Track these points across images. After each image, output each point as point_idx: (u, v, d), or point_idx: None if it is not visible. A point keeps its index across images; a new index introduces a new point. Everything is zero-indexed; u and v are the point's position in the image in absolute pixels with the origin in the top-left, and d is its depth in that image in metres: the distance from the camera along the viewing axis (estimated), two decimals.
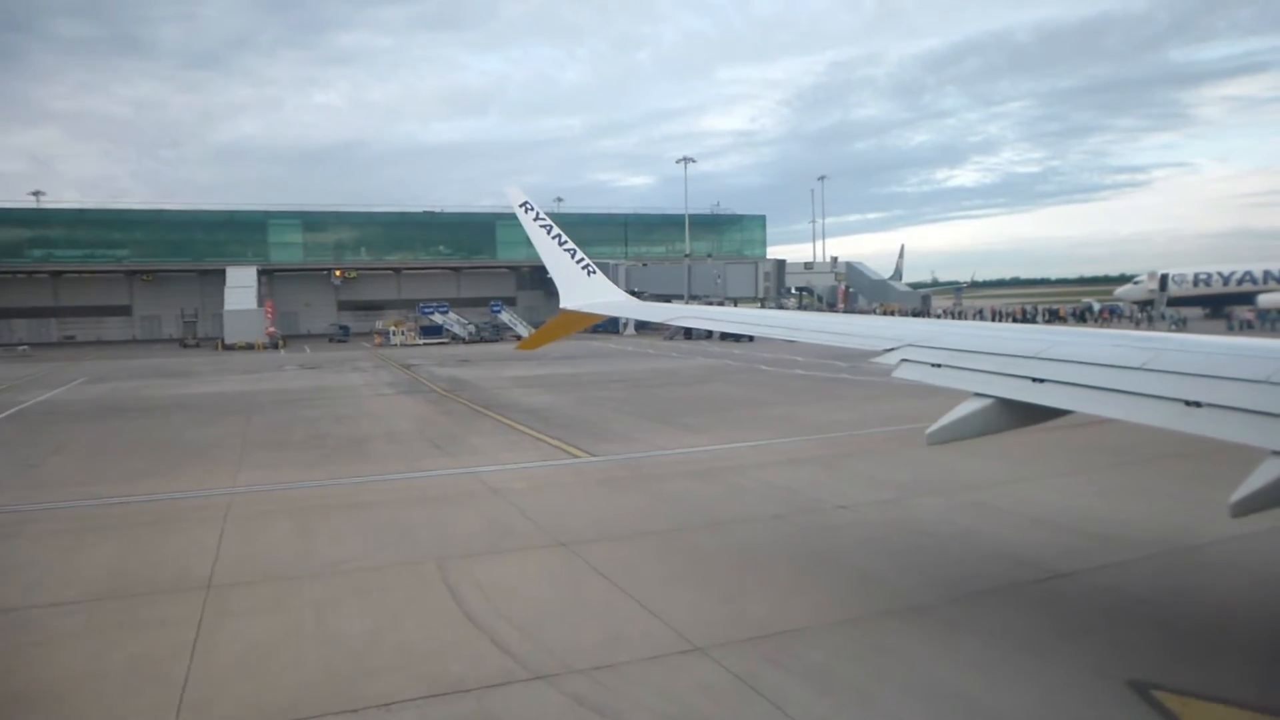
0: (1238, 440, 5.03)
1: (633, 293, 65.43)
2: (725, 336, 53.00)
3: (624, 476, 14.83)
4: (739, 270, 53.70)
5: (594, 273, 12.77)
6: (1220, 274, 64.31)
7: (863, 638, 7.38)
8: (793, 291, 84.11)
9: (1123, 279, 71.20)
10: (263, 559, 10.30)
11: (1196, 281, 64.88)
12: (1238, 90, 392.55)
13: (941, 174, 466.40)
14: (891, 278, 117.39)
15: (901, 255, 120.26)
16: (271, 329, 57.28)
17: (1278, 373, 5.34)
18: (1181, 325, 54.11)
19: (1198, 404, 5.34)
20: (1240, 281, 63.08)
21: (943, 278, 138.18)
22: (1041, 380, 6.29)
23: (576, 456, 16.78)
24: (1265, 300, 59.18)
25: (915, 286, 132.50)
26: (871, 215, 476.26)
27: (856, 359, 36.97)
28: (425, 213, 76.81)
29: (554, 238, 12.86)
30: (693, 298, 57.08)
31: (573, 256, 12.73)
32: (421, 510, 12.63)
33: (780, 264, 65.21)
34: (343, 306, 74.73)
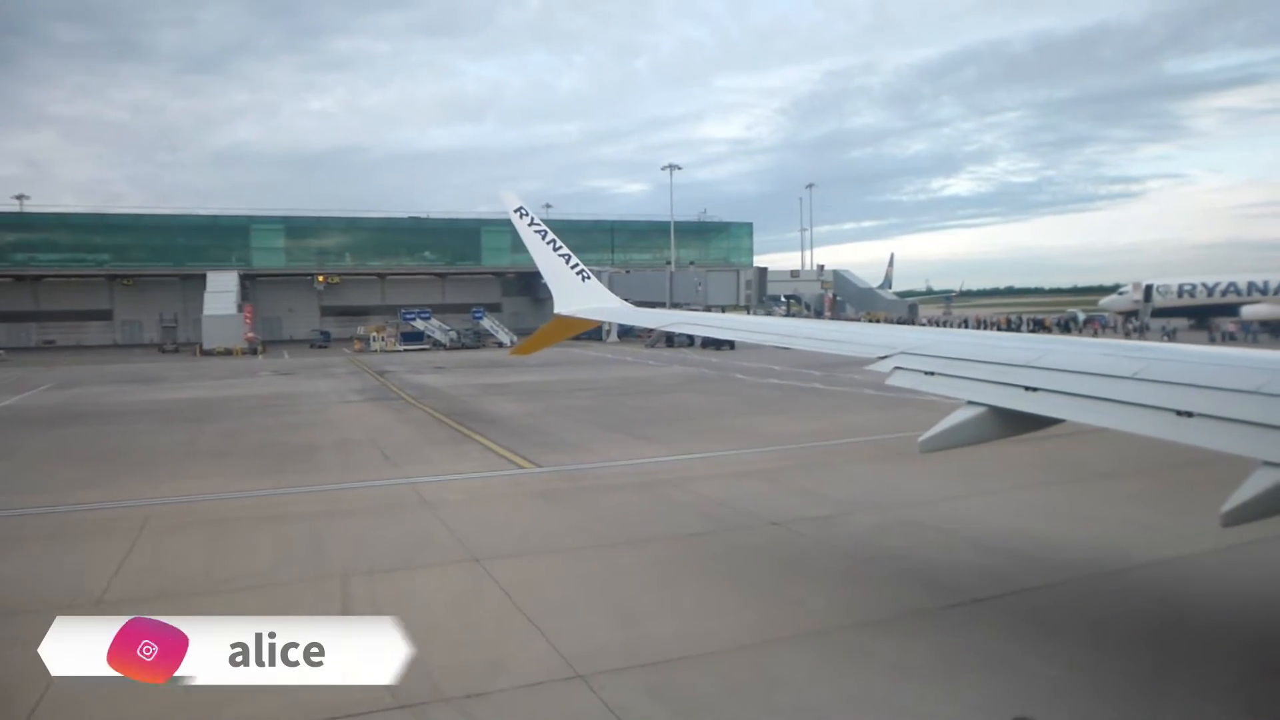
0: (1228, 450, 5.04)
1: None
2: (706, 344, 52.70)
3: (563, 489, 14.48)
4: (720, 278, 53.47)
5: (588, 278, 12.80)
6: (1205, 285, 64.13)
7: (754, 667, 7.03)
8: (782, 300, 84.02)
9: (1116, 289, 70.91)
10: (164, 574, 9.93)
11: (1181, 292, 64.69)
12: (1232, 102, 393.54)
13: (937, 183, 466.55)
14: (881, 286, 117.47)
15: (891, 264, 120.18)
16: (250, 334, 56.83)
17: (1269, 383, 5.32)
18: (1172, 336, 53.94)
19: (1189, 414, 5.34)
20: (1225, 293, 62.88)
21: (938, 286, 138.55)
22: (1034, 389, 6.31)
23: (522, 467, 16.43)
24: (1249, 312, 59.03)
25: (908, 295, 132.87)
26: (867, 223, 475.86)
27: (832, 368, 36.80)
28: (410, 218, 76.52)
29: (549, 243, 12.86)
30: (674, 305, 56.70)
31: (567, 262, 12.74)
32: (345, 523, 12.26)
33: (762, 272, 64.96)
34: (326, 312, 74.30)
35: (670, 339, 55.85)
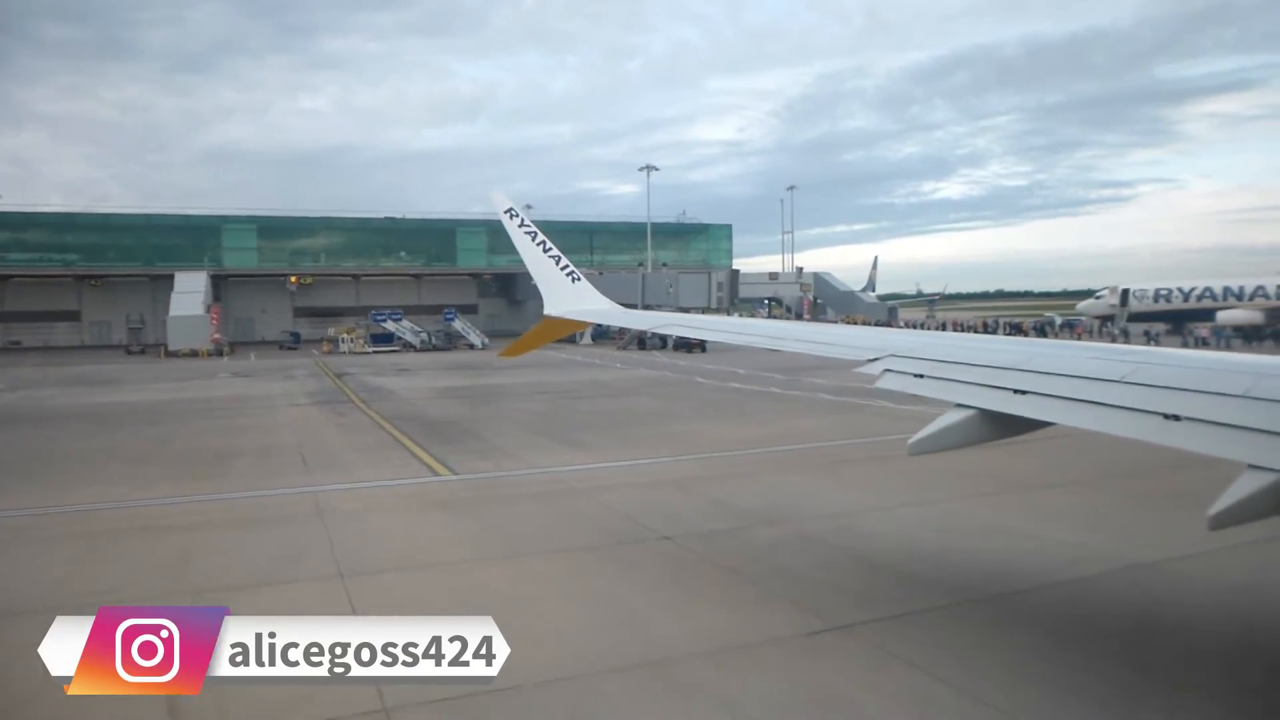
0: (1215, 453, 5.06)
1: None
2: (678, 346, 52.24)
3: (469, 498, 13.97)
4: (691, 280, 52.98)
5: (578, 280, 12.73)
6: (1181, 290, 63.93)
7: (564, 701, 6.50)
8: (765, 302, 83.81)
9: (1093, 294, 70.73)
10: (4, 591, 9.36)
11: (1157, 297, 64.47)
12: (1223, 107, 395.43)
13: (929, 186, 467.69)
14: (864, 289, 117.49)
15: (875, 267, 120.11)
16: (216, 335, 56.04)
17: (1255, 387, 5.34)
18: (1156, 340, 53.70)
19: (1177, 417, 5.35)
20: (1200, 298, 62.70)
21: (928, 289, 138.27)
22: (1023, 392, 6.31)
23: (439, 475, 15.91)
24: (1224, 317, 58.83)
25: (896, 298, 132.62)
26: (859, 226, 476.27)
27: (796, 371, 36.36)
28: (386, 219, 75.76)
29: (538, 244, 12.76)
30: (646, 306, 56.17)
31: (557, 264, 12.66)
32: (224, 535, 11.71)
33: (734, 274, 64.56)
34: (299, 313, 73.48)
35: (642, 342, 55.38)
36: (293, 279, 70.53)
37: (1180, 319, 62.47)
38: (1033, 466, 15.60)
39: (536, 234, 12.84)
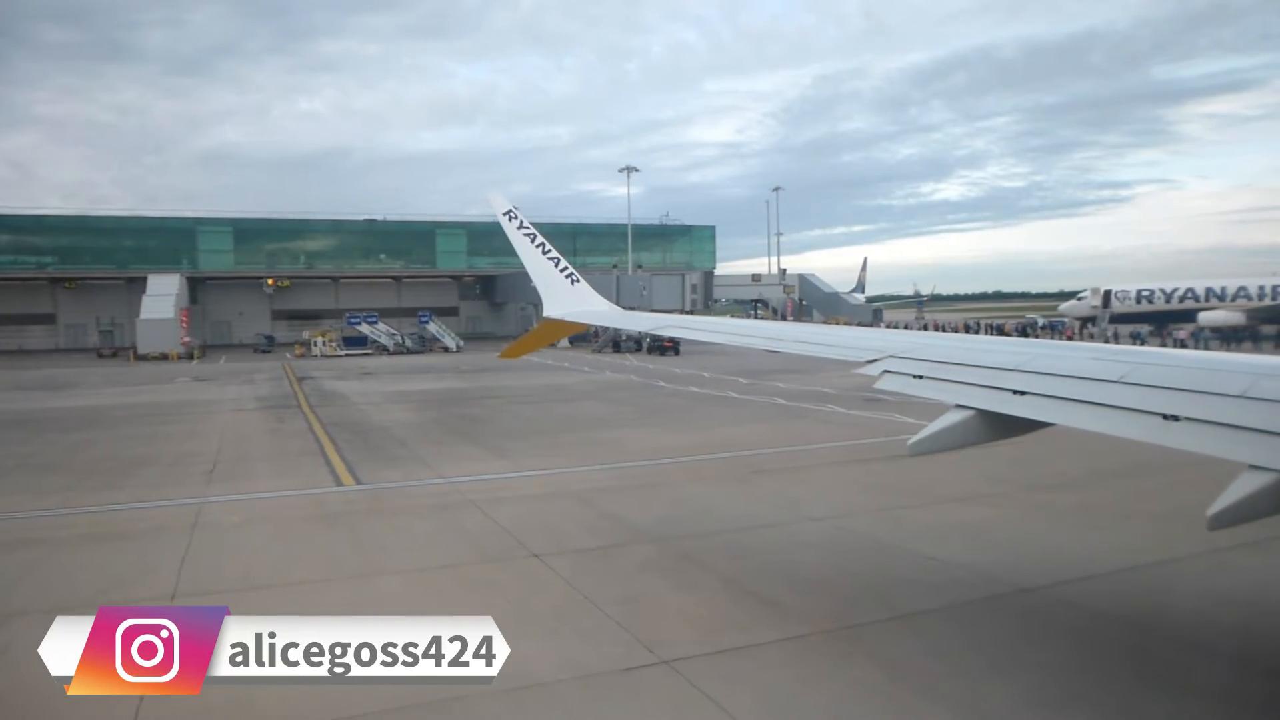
0: (1214, 453, 5.03)
1: None
2: (652, 349, 51.72)
3: (359, 510, 13.46)
4: (665, 282, 52.42)
5: (577, 281, 12.71)
6: (1163, 291, 63.30)
7: None
8: (754, 304, 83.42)
9: (1075, 295, 70.18)
10: None
11: (1139, 298, 63.83)
12: (1220, 108, 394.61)
13: (927, 187, 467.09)
14: (854, 290, 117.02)
15: (864, 268, 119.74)
16: (186, 338, 55.49)
17: (1254, 387, 5.32)
18: (1143, 341, 53.16)
19: (1175, 418, 5.34)
20: (1183, 299, 62.08)
21: (924, 290, 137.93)
22: (1022, 393, 6.30)
23: (343, 485, 15.40)
24: (1205, 318, 58.25)
25: (894, 299, 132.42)
26: (857, 228, 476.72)
27: (761, 375, 35.84)
28: (366, 220, 75.26)
29: (538, 246, 12.73)
30: (623, 307, 55.63)
31: (556, 265, 12.65)
32: (79, 550, 11.19)
33: (708, 275, 64.02)
34: (278, 316, 72.91)
35: (617, 345, 54.86)
36: (270, 281, 69.97)
37: (1162, 320, 61.91)
38: (956, 477, 15.08)
39: (535, 236, 12.76)
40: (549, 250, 12.81)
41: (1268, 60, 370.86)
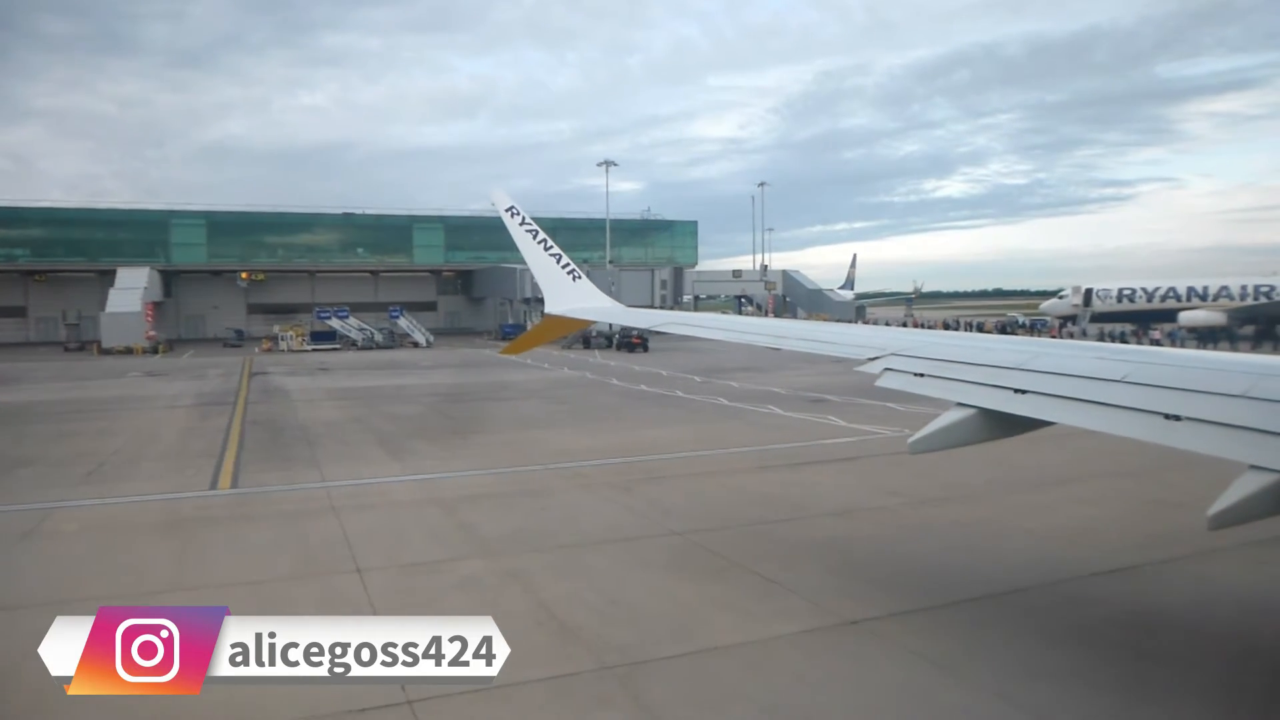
0: (1216, 454, 5.02)
1: (538, 300, 62.77)
2: (620, 345, 51.00)
3: (209, 517, 12.81)
4: (634, 277, 51.64)
5: (579, 278, 12.65)
6: (1144, 289, 62.43)
7: None
8: (741, 301, 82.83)
9: (1057, 293, 69.38)
10: None
11: (1120, 297, 62.98)
12: (1224, 107, 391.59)
13: (930, 184, 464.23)
14: (843, 286, 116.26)
15: (853, 265, 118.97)
16: (151, 333, 54.77)
17: (1256, 387, 5.31)
18: (1125, 340, 52.40)
19: (1177, 417, 5.35)
20: (1164, 298, 61.22)
21: (927, 288, 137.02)
22: (1024, 391, 6.30)
23: (216, 489, 14.81)
24: (1185, 318, 57.41)
25: (877, 296, 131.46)
26: (859, 224, 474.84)
27: (718, 373, 35.16)
28: (342, 214, 74.38)
29: (539, 243, 12.61)
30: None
31: (558, 262, 12.56)
32: None
33: (677, 271, 63.28)
34: (253, 310, 72.13)
35: (587, 340, 54.14)
36: (243, 275, 69.22)
37: (1144, 319, 61.17)
38: (844, 487, 14.39)
39: (538, 232, 12.62)
40: (551, 246, 12.66)
41: (1272, 59, 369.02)
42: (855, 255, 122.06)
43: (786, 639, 7.70)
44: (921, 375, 7.17)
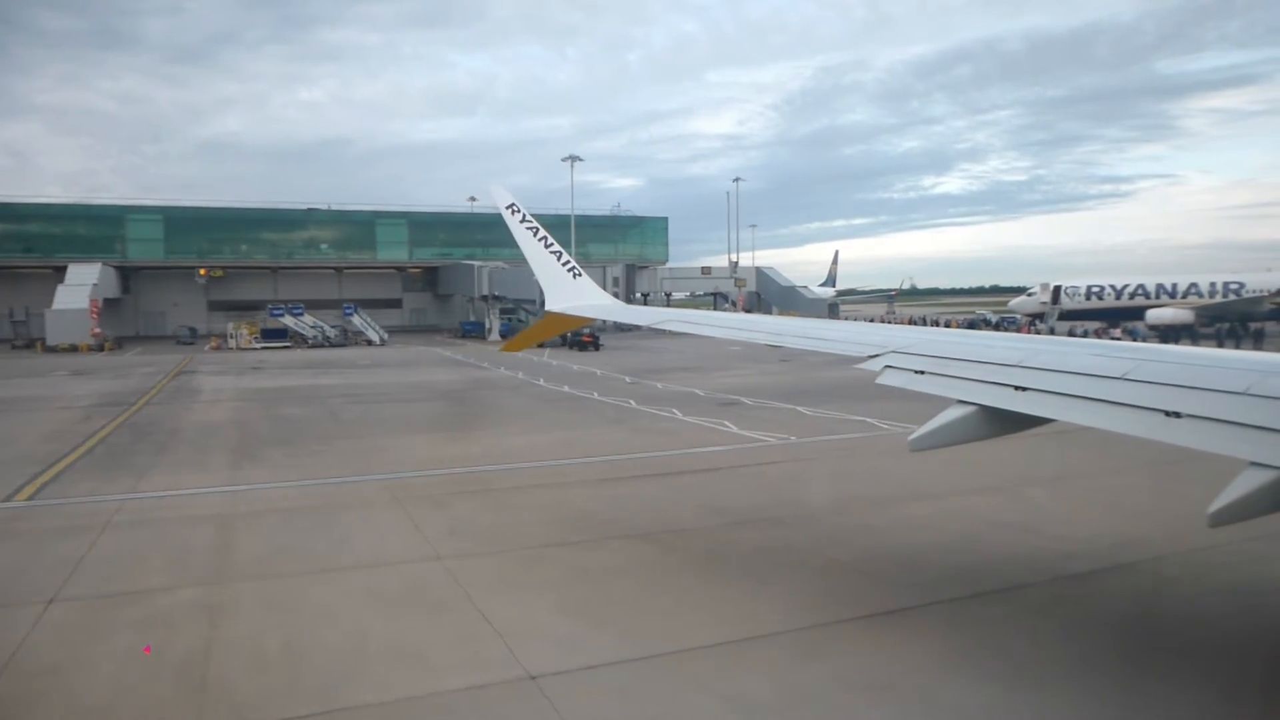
0: (1216, 451, 5.02)
1: (496, 297, 61.83)
2: (572, 344, 49.99)
3: None
4: (586, 273, 50.35)
5: (579, 275, 12.61)
6: (1113, 287, 61.39)
7: None
8: (715, 297, 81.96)
9: (1025, 290, 68.41)
10: None
11: (1089, 294, 61.92)
12: (1224, 103, 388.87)
13: (928, 181, 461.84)
14: (824, 283, 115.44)
15: (835, 262, 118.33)
16: (96, 330, 53.77)
17: (1257, 384, 5.33)
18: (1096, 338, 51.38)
19: (1177, 414, 5.35)
20: (1133, 295, 60.18)
21: (922, 285, 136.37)
22: (1024, 389, 6.31)
23: (13, 501, 13.74)
24: (1153, 316, 56.40)
25: (858, 293, 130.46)
26: (858, 221, 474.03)
27: (650, 375, 34.13)
28: (305, 210, 73.40)
29: (540, 240, 12.53)
30: (544, 300, 53.73)
31: (559, 259, 12.52)
32: None
33: (630, 268, 62.31)
34: (213, 306, 71.04)
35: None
36: (201, 271, 68.18)
37: (1113, 317, 60.19)
38: (652, 506, 13.38)
39: (538, 229, 12.52)
40: (551, 244, 12.56)
41: (1272, 55, 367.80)
42: (837, 252, 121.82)
43: (460, 693, 6.67)
44: (922, 373, 7.09)
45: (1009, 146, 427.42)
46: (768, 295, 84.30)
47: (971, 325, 64.86)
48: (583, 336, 49.18)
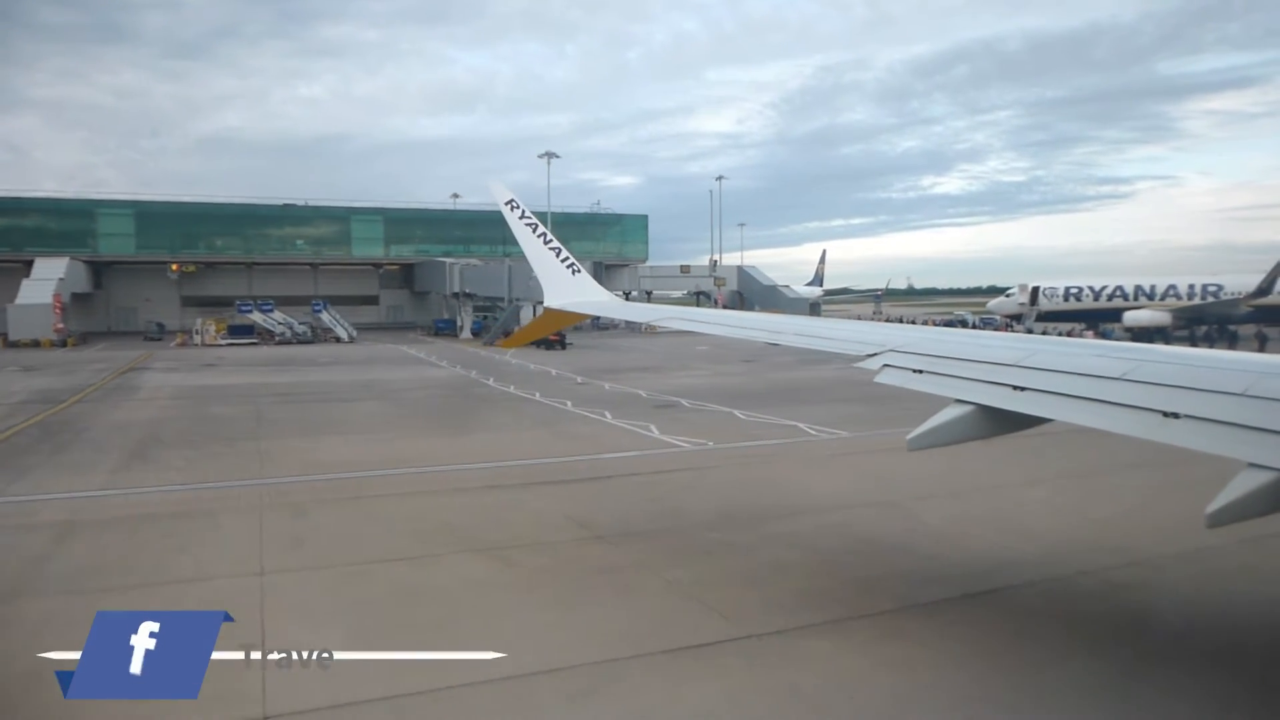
0: (1214, 451, 5.01)
1: (467, 294, 61.13)
2: (538, 343, 49.33)
3: None
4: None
5: (579, 272, 12.59)
6: (1091, 288, 60.82)
7: None
8: (698, 296, 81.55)
9: (1004, 291, 67.89)
10: None
11: (1068, 296, 61.36)
12: (1224, 104, 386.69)
13: (928, 181, 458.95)
14: (811, 283, 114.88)
15: (822, 261, 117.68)
16: (59, 325, 53.11)
17: (1255, 385, 5.34)
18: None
19: (1175, 415, 5.34)
20: (1111, 297, 59.61)
21: (919, 285, 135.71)
22: (1022, 388, 6.31)
23: None
24: (1129, 318, 55.85)
25: (844, 292, 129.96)
26: (856, 220, 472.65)
27: (603, 375, 33.53)
28: (281, 205, 72.71)
29: (539, 236, 12.52)
30: (514, 298, 53.27)
31: (558, 255, 12.50)
32: None
33: (598, 266, 61.60)
34: (187, 302, 70.19)
35: (508, 335, 52.51)
36: (174, 266, 67.47)
37: (1091, 318, 59.68)
38: (521, 518, 12.81)
39: (537, 226, 12.55)
40: (550, 240, 12.54)
41: (1272, 56, 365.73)
42: (824, 251, 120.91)
43: None
44: (920, 372, 7.10)
45: (1008, 147, 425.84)
46: (749, 294, 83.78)
47: (949, 326, 64.31)
48: (550, 336, 48.53)
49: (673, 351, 47.09)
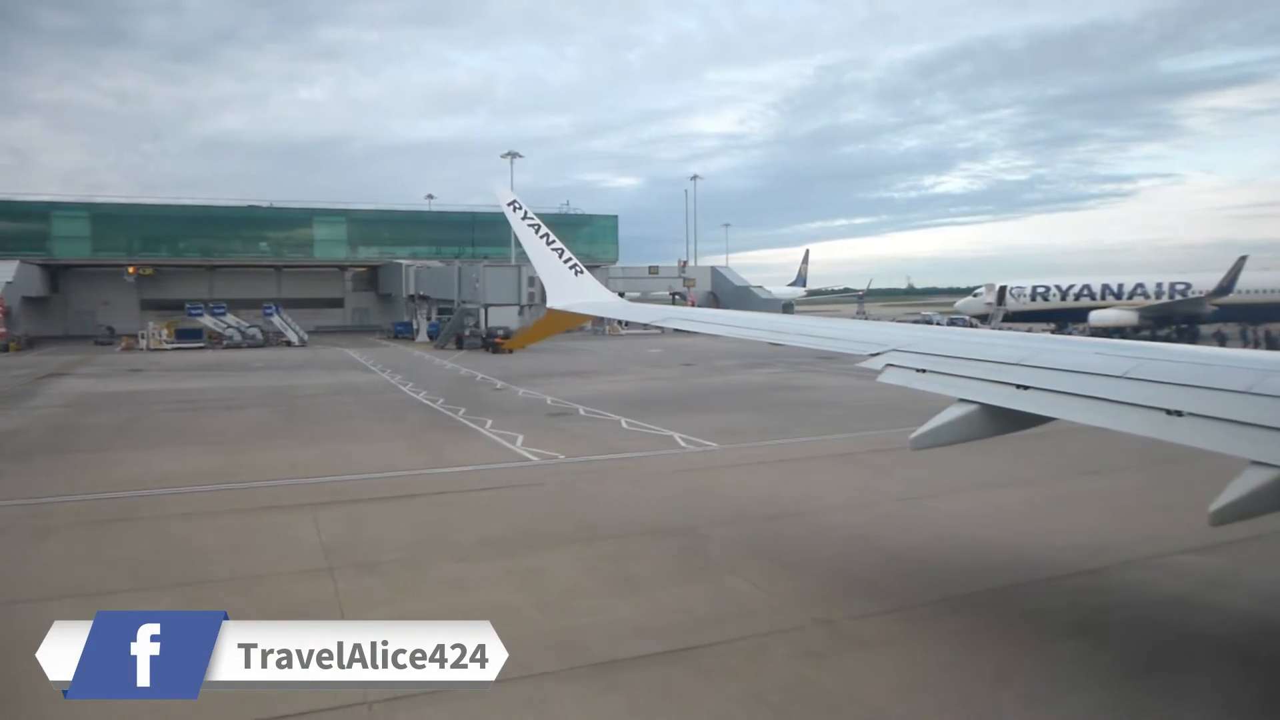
0: (1218, 450, 5.04)
1: (422, 297, 60.04)
2: (486, 347, 48.34)
3: None
4: (498, 274, 48.79)
5: (581, 273, 12.76)
6: (1058, 287, 59.79)
7: None
8: (673, 296, 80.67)
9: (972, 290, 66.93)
10: None
11: (1035, 295, 60.33)
12: (1226, 102, 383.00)
13: (929, 180, 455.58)
14: (794, 283, 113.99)
15: (805, 261, 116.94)
16: (2, 329, 52.24)
17: (1259, 383, 5.34)
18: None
19: (1179, 413, 5.33)
20: (1078, 296, 58.60)
21: (919, 284, 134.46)
22: (1025, 387, 6.34)
23: None
24: (1096, 317, 54.91)
25: (825, 293, 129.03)
26: (858, 220, 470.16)
27: (529, 379, 32.58)
28: (245, 206, 71.85)
29: (542, 237, 12.67)
30: (462, 302, 52.29)
31: (560, 256, 12.70)
32: None
33: None
34: (146, 305, 69.03)
35: (460, 340, 51.54)
36: (130, 269, 66.52)
37: (1059, 318, 58.73)
38: (284, 541, 11.84)
39: (540, 227, 12.61)
40: (553, 241, 12.61)
41: (1274, 54, 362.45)
42: (808, 251, 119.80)
43: None
44: (924, 371, 7.13)
45: (1010, 145, 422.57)
46: (722, 295, 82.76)
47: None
48: (495, 338, 47.56)
49: (622, 354, 46.18)
